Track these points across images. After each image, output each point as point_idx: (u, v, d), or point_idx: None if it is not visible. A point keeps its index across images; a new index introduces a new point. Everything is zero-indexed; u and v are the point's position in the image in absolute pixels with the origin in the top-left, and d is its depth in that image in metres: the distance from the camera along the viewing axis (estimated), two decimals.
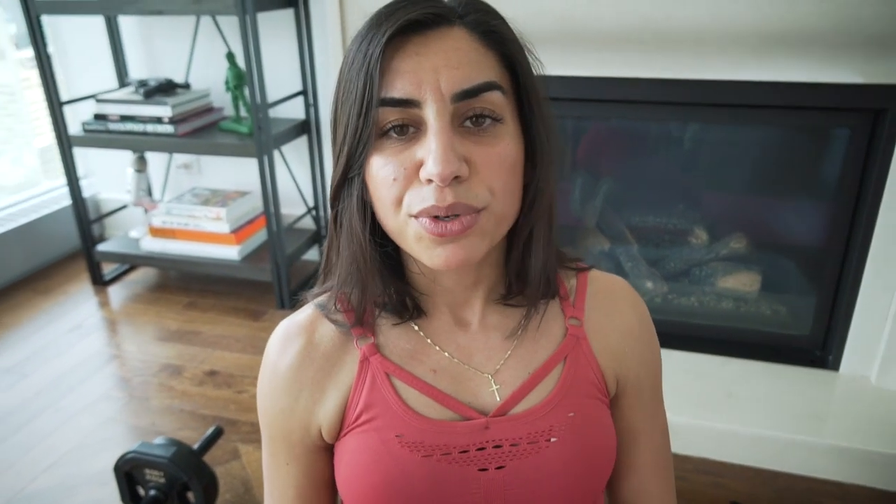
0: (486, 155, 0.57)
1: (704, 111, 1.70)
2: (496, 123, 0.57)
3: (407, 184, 0.57)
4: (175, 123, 2.25)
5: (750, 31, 1.49)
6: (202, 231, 2.38)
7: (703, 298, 1.99)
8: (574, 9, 1.57)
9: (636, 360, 0.72)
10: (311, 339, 0.68)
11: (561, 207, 2.13)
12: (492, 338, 0.68)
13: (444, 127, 0.55)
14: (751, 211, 1.95)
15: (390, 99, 0.55)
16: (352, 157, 0.59)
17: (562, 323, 0.70)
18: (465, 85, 0.55)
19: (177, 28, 2.50)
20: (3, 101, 2.80)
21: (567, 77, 1.67)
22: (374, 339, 0.68)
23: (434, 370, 0.66)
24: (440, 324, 0.68)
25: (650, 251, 2.05)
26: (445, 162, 0.53)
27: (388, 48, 0.55)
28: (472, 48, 0.57)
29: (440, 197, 0.55)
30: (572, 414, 0.65)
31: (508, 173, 0.58)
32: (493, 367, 0.67)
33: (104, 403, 1.89)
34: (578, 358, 0.68)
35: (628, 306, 0.74)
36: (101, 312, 2.41)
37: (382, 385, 0.65)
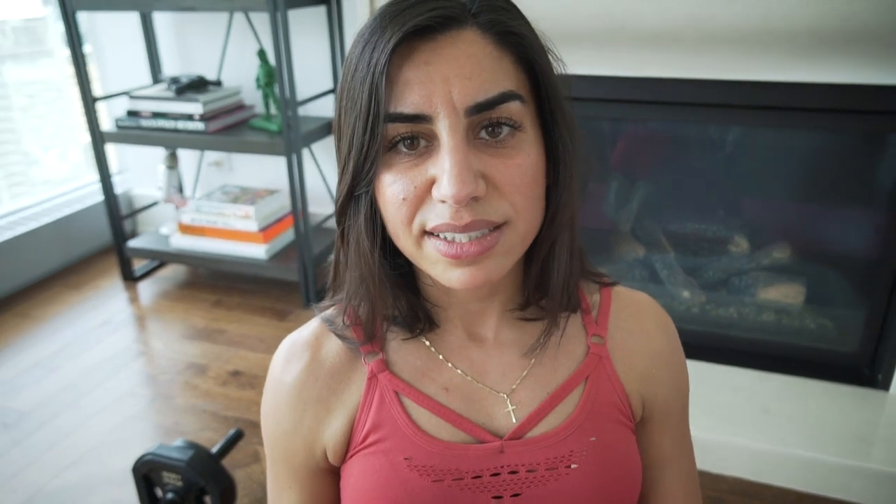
0: (504, 168, 0.52)
1: (748, 114, 1.61)
2: (515, 132, 0.53)
3: (418, 203, 0.53)
4: (205, 121, 2.24)
5: (801, 30, 1.41)
6: (231, 229, 2.37)
7: (743, 310, 1.90)
8: (613, 6, 1.50)
9: (665, 384, 0.68)
10: (317, 356, 0.65)
11: (594, 211, 2.07)
12: (507, 354, 0.64)
13: (459, 143, 0.50)
14: (795, 219, 1.86)
15: (399, 114, 0.51)
16: (358, 174, 0.54)
17: (583, 340, 0.65)
18: (479, 97, 0.50)
19: (210, 25, 2.49)
20: (51, 98, 2.84)
21: (603, 77, 1.60)
22: (382, 355, 0.63)
23: (446, 388, 0.62)
24: (452, 338, 0.64)
25: (687, 259, 1.97)
26: (461, 183, 0.49)
27: (395, 56, 0.50)
28: (486, 53, 0.51)
29: (456, 215, 0.51)
30: (594, 438, 0.61)
31: (530, 186, 0.53)
32: (509, 387, 0.63)
33: (128, 401, 1.88)
34: (601, 378, 0.64)
35: (656, 326, 0.69)
36: (131, 308, 2.41)
37: (391, 404, 0.61)
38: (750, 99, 1.55)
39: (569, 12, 1.53)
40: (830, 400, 1.66)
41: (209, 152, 2.72)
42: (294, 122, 2.09)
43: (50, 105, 2.84)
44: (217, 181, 2.76)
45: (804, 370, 1.75)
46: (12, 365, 2.06)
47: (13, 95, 2.71)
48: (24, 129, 2.77)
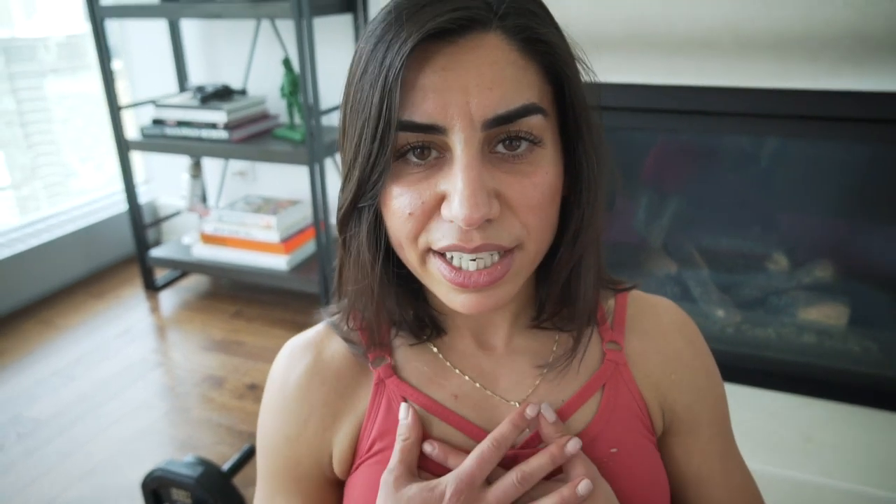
0: (520, 188, 0.48)
1: (788, 124, 1.53)
2: (534, 147, 0.48)
3: (425, 220, 0.48)
4: (229, 129, 2.22)
5: (844, 33, 1.33)
6: (252, 239, 2.35)
7: (782, 330, 1.81)
8: (645, 11, 1.44)
9: (685, 390, 0.62)
10: (321, 356, 0.61)
11: (623, 225, 2.00)
12: (519, 362, 0.60)
13: (473, 160, 0.46)
14: (838, 236, 1.77)
15: (411, 123, 0.46)
16: (363, 185, 0.49)
17: (598, 347, 0.61)
18: (499, 110, 0.46)
19: (237, 34, 2.49)
20: (90, 111, 2.88)
21: (633, 85, 1.54)
22: (390, 360, 0.60)
23: (455, 395, 0.58)
24: (462, 346, 0.61)
25: (722, 276, 1.88)
26: (474, 206, 0.45)
27: (410, 58, 0.45)
28: (510, 61, 0.47)
29: (465, 237, 0.47)
30: (615, 450, 0.57)
31: (545, 206, 0.49)
32: (521, 395, 0.59)
33: (144, 412, 1.85)
34: (618, 386, 0.59)
35: (675, 328, 0.64)
36: (151, 318, 2.40)
37: (399, 411, 0.58)
38: (790, 108, 1.47)
39: (597, 17, 1.47)
40: (877, 428, 1.55)
41: (233, 162, 2.71)
42: (317, 132, 2.06)
43: (88, 117, 2.89)
44: (241, 191, 2.75)
45: (848, 396, 1.65)
46: (31, 373, 2.05)
47: (53, 108, 2.77)
48: (63, 140, 2.84)
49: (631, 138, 1.85)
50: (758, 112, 1.50)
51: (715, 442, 0.64)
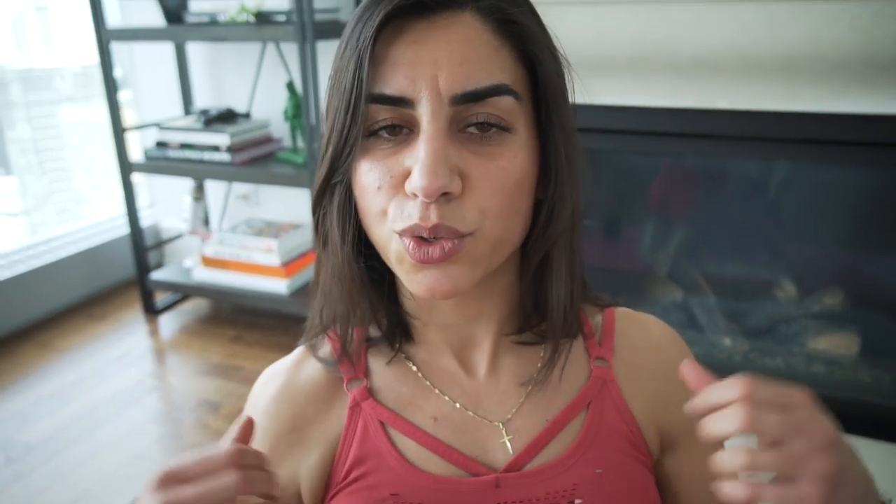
0: (484, 169, 0.47)
1: (795, 148, 1.50)
2: (504, 133, 0.48)
3: (392, 193, 0.48)
4: (232, 152, 2.22)
5: (852, 56, 1.31)
6: (253, 263, 2.32)
7: (791, 360, 1.76)
8: (649, 32, 1.43)
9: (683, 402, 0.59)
10: (293, 379, 0.59)
11: (629, 252, 1.97)
12: (503, 382, 0.58)
13: (438, 132, 0.45)
14: (848, 263, 1.73)
15: (380, 95, 0.46)
16: (336, 160, 0.50)
17: (585, 364, 0.59)
18: (468, 86, 0.46)
19: (243, 58, 2.50)
20: (103, 138, 2.91)
21: (638, 108, 1.52)
22: (367, 382, 0.58)
23: (435, 418, 0.56)
24: (442, 365, 0.58)
25: (729, 304, 1.84)
26: (433, 175, 0.44)
27: (383, 33, 0.46)
28: (484, 41, 0.47)
29: (424, 215, 0.46)
30: (600, 470, 0.54)
31: (510, 192, 0.48)
32: (505, 415, 0.56)
33: (136, 438, 1.81)
34: (605, 404, 0.57)
35: (665, 341, 0.62)
36: (150, 342, 2.37)
37: (376, 435, 0.55)
38: (796, 131, 1.44)
39: (600, 38, 1.45)
40: (891, 462, 1.50)
41: (237, 186, 2.70)
42: (319, 155, 2.04)
43: (100, 145, 2.92)
44: (244, 215, 2.73)
45: (860, 429, 1.59)
46: (26, 396, 2.02)
47: (67, 136, 2.82)
48: (76, 167, 2.88)
49: (635, 162, 1.83)
50: (764, 135, 1.48)
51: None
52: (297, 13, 1.91)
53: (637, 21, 1.43)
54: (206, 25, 2.11)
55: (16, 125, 2.68)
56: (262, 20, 2.02)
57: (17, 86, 2.66)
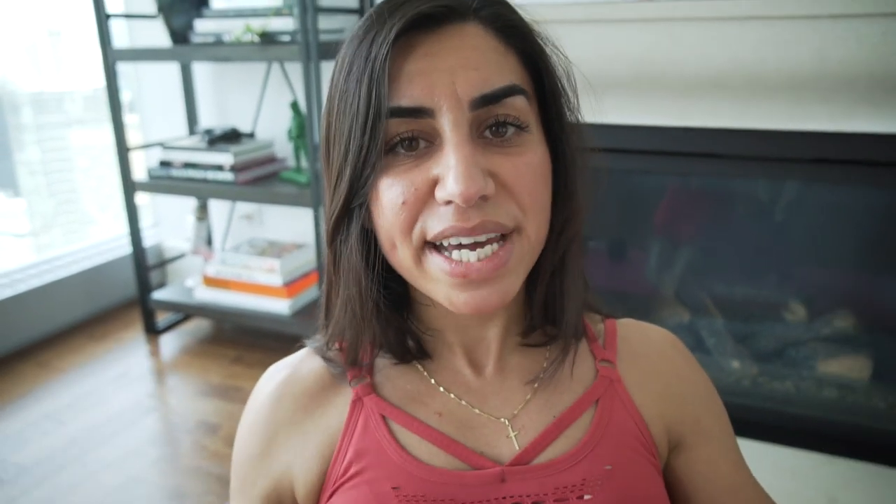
0: (513, 167, 0.47)
1: (803, 168, 1.48)
2: (521, 132, 0.48)
3: (419, 206, 0.47)
4: (235, 171, 2.21)
5: (860, 74, 1.29)
6: (255, 283, 2.31)
7: (801, 384, 1.72)
8: (654, 51, 1.42)
9: (689, 402, 0.60)
10: (295, 374, 0.58)
11: (635, 273, 1.94)
12: (509, 380, 0.57)
13: (464, 139, 0.46)
14: (858, 284, 1.70)
15: (397, 108, 0.46)
16: (355, 183, 0.49)
17: (591, 364, 0.59)
18: (485, 89, 0.46)
19: (248, 78, 2.50)
20: (111, 161, 2.92)
21: (644, 127, 1.50)
22: (370, 379, 0.57)
23: (440, 413, 0.55)
24: (450, 365, 0.58)
25: (737, 326, 1.81)
26: (469, 179, 0.44)
27: (395, 48, 0.46)
28: (491, 47, 0.48)
29: (462, 216, 0.45)
30: (609, 466, 0.53)
31: (540, 187, 0.49)
32: (511, 412, 0.56)
33: (133, 459, 1.78)
34: (613, 402, 0.57)
35: (668, 346, 0.63)
36: (149, 362, 2.34)
37: (377, 428, 0.54)
38: (805, 151, 1.42)
39: (605, 56, 1.44)
40: None
41: (240, 206, 2.69)
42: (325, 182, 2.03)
43: (108, 167, 2.94)
44: (248, 235, 2.72)
45: (874, 455, 1.55)
46: (22, 416, 1.99)
47: (76, 158, 2.84)
48: (84, 189, 2.90)
49: (641, 182, 1.81)
50: (771, 155, 1.46)
51: (732, 453, 0.61)
52: (302, 34, 1.91)
53: (643, 40, 1.42)
54: (212, 46, 2.11)
55: (26, 147, 2.70)
56: (267, 40, 2.02)
57: (28, 109, 2.69)
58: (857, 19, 1.25)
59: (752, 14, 1.32)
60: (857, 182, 1.52)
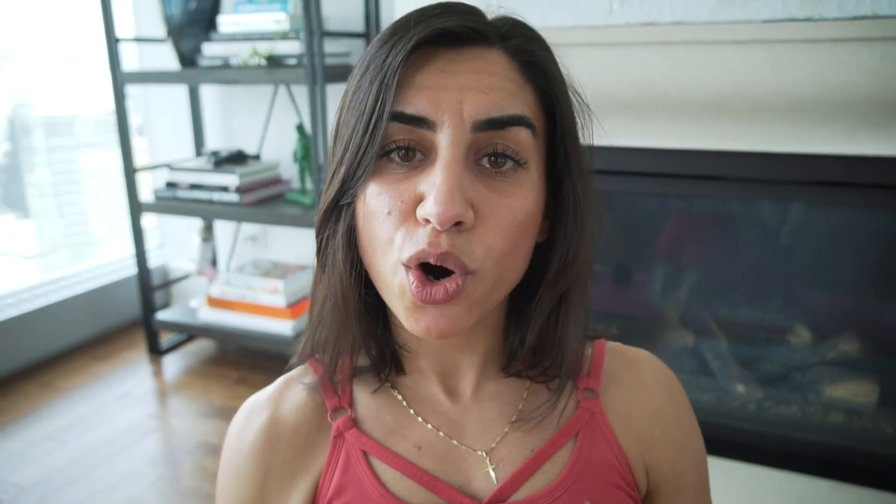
0: (495, 205, 0.46)
1: (807, 190, 1.48)
2: (518, 168, 0.48)
3: (402, 220, 0.46)
4: (241, 192, 2.23)
5: (860, 97, 1.29)
6: (258, 304, 2.31)
7: (807, 408, 1.70)
8: (655, 73, 1.43)
9: (670, 447, 0.58)
10: (278, 413, 0.57)
11: (639, 296, 1.93)
12: (487, 409, 0.56)
13: (457, 159, 0.45)
14: (864, 308, 1.68)
15: (400, 113, 0.46)
16: (348, 181, 0.49)
17: (573, 395, 0.58)
18: (492, 113, 0.46)
19: (255, 101, 2.53)
20: (120, 183, 2.95)
21: (645, 149, 1.51)
22: (351, 412, 0.56)
23: (419, 447, 0.54)
24: (426, 392, 0.57)
25: (742, 349, 1.79)
26: (449, 202, 0.43)
27: (410, 58, 0.46)
28: (509, 77, 0.48)
29: (434, 241, 0.44)
30: (588, 502, 0.52)
31: (516, 232, 0.47)
32: (489, 444, 0.55)
33: (133, 480, 1.77)
34: (594, 435, 0.55)
35: (656, 381, 0.60)
36: (152, 382, 2.34)
37: (357, 465, 0.53)
38: (805, 173, 1.42)
39: (607, 79, 1.45)
40: None
41: (245, 227, 2.70)
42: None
43: (117, 189, 2.97)
44: (252, 256, 2.73)
45: (882, 482, 1.52)
46: (24, 436, 1.99)
47: (85, 181, 2.87)
48: (93, 211, 2.92)
49: (643, 204, 1.81)
50: (773, 177, 1.46)
51: (701, 500, 0.60)
52: (308, 57, 1.93)
53: (644, 63, 1.43)
54: (219, 69, 2.14)
55: (36, 170, 2.74)
56: (274, 63, 2.05)
57: (39, 132, 2.73)
58: (857, 43, 1.26)
59: (753, 38, 1.33)
60: (860, 205, 1.51)
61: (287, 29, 2.04)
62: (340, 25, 2.24)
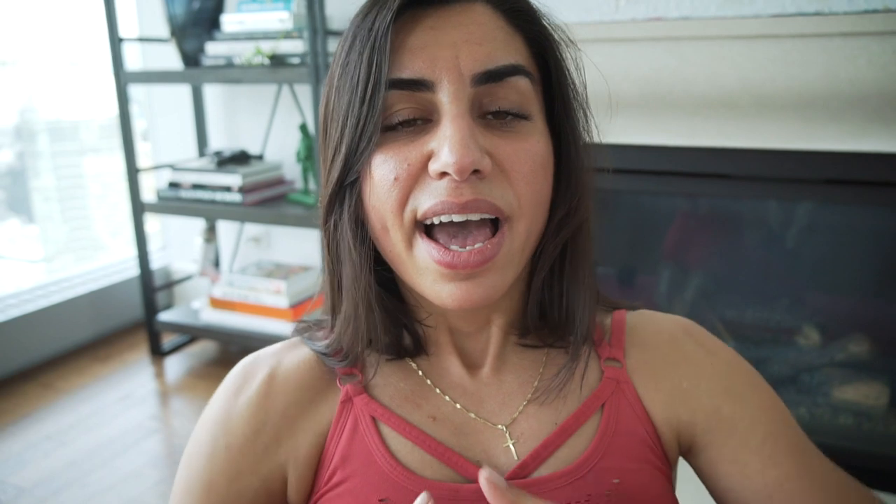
0: (512, 151, 0.45)
1: (815, 188, 1.46)
2: (522, 120, 0.47)
3: (411, 183, 0.45)
4: (243, 193, 2.21)
5: (871, 93, 1.27)
6: (261, 304, 2.29)
7: (816, 411, 1.68)
8: (662, 70, 1.41)
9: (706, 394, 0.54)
10: (282, 365, 0.54)
11: (645, 297, 1.91)
12: (507, 382, 0.54)
13: (463, 111, 0.44)
14: (874, 308, 1.66)
15: (398, 79, 0.45)
16: (351, 158, 0.46)
17: (596, 365, 0.55)
18: (488, 64, 0.45)
19: (258, 101, 2.52)
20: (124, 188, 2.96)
21: (652, 146, 1.49)
22: (362, 378, 0.53)
23: (434, 417, 0.51)
24: (444, 364, 0.54)
25: (749, 350, 1.77)
26: (464, 148, 0.42)
27: (397, 22, 0.45)
28: (498, 26, 0.47)
29: (455, 192, 0.43)
30: (617, 480, 0.49)
31: (538, 176, 0.46)
32: (509, 417, 0.52)
33: (132, 482, 1.75)
34: (621, 406, 0.52)
35: (680, 332, 0.57)
36: (154, 384, 2.32)
37: (366, 432, 0.50)
38: (815, 171, 1.41)
39: (614, 77, 1.44)
40: None
41: (249, 228, 2.69)
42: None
43: (121, 194, 2.96)
44: (255, 257, 2.72)
45: (894, 486, 1.50)
46: (24, 437, 1.97)
47: (90, 185, 2.88)
48: (97, 215, 2.93)
49: (650, 204, 1.79)
50: (782, 175, 1.44)
51: (773, 442, 0.53)
52: (311, 56, 1.92)
53: (651, 59, 1.41)
54: (222, 68, 2.13)
55: (41, 174, 2.73)
56: (277, 63, 2.04)
57: (44, 136, 2.72)
58: (867, 37, 1.24)
59: (761, 33, 1.31)
60: (870, 203, 1.49)
61: (290, 28, 2.03)
62: (344, 24, 2.21)
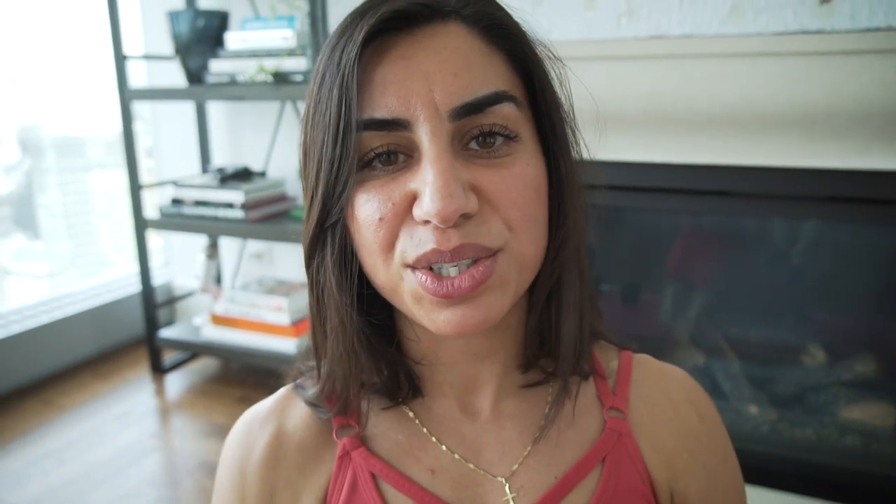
0: (499, 179, 0.43)
1: (819, 206, 1.45)
2: (510, 142, 0.44)
3: (398, 223, 0.43)
4: (246, 209, 2.21)
5: (876, 111, 1.27)
6: (262, 321, 2.28)
7: (822, 431, 1.65)
8: (664, 87, 1.41)
9: (701, 474, 0.53)
10: (284, 427, 0.53)
11: (649, 316, 1.90)
12: (507, 429, 0.52)
13: (442, 151, 0.41)
14: (881, 327, 1.64)
15: (371, 120, 0.42)
16: (328, 200, 0.45)
17: (598, 414, 0.53)
18: (466, 97, 0.42)
19: (261, 118, 2.53)
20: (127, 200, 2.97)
21: (654, 164, 1.48)
22: (358, 429, 0.52)
23: (432, 470, 0.50)
24: (442, 410, 0.52)
25: (754, 370, 1.75)
26: (447, 197, 0.40)
27: (366, 53, 0.43)
28: (475, 48, 0.44)
29: (442, 238, 0.41)
30: None
31: (530, 201, 0.44)
32: (508, 468, 0.50)
33: (131, 501, 1.73)
34: (622, 460, 0.51)
35: (686, 401, 0.55)
36: (154, 401, 2.31)
37: (365, 489, 0.49)
38: (819, 189, 1.40)
39: (614, 93, 1.44)
40: None
41: (251, 245, 2.69)
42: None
43: (126, 210, 2.96)
44: (257, 274, 2.71)
45: None
46: (22, 454, 1.96)
47: (95, 201, 2.89)
48: (102, 231, 2.94)
49: (653, 223, 1.78)
50: (785, 193, 1.44)
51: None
52: None
53: (653, 77, 1.41)
54: (226, 85, 2.14)
55: (47, 191, 2.74)
56: (280, 80, 2.04)
57: (51, 153, 2.74)
58: (870, 55, 1.24)
59: (764, 51, 1.31)
60: (874, 221, 1.48)
61: (294, 45, 2.04)
62: None
